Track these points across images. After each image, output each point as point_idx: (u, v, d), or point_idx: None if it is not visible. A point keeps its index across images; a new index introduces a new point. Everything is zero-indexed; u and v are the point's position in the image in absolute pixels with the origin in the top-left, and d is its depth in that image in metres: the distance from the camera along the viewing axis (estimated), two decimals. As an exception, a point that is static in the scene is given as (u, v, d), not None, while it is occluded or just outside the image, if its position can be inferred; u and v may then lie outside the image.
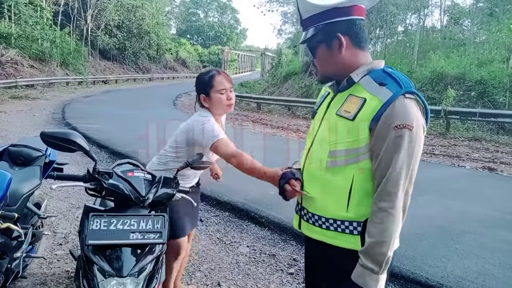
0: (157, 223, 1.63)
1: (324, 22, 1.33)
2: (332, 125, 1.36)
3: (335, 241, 1.36)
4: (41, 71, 22.96)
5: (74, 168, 5.86)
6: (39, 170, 2.42)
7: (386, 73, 1.30)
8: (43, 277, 2.84)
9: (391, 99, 1.22)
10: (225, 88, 2.13)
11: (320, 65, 1.44)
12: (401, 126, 1.20)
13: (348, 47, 1.33)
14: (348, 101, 1.33)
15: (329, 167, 1.35)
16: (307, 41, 1.41)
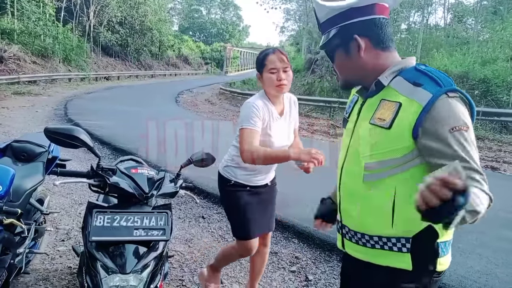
0: (161, 220, 1.62)
1: (341, 25, 1.24)
2: (366, 136, 1.23)
3: (382, 260, 1.22)
4: (44, 67, 22.98)
5: (76, 164, 5.86)
6: (42, 166, 2.41)
7: (419, 71, 1.17)
8: (45, 273, 2.84)
9: (432, 100, 1.08)
10: (276, 68, 2.03)
11: (340, 70, 1.33)
12: (456, 129, 1.07)
13: (368, 49, 1.23)
14: (381, 107, 1.20)
15: (366, 181, 1.22)
16: (325, 45, 1.32)
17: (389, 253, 1.21)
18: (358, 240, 1.28)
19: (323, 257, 3.44)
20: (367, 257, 1.26)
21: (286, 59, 2.06)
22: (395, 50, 1.27)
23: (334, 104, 14.39)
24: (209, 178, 5.07)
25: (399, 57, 1.26)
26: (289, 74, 2.08)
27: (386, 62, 1.24)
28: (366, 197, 1.23)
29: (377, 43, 1.23)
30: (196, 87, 26.69)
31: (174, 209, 4.31)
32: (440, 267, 1.20)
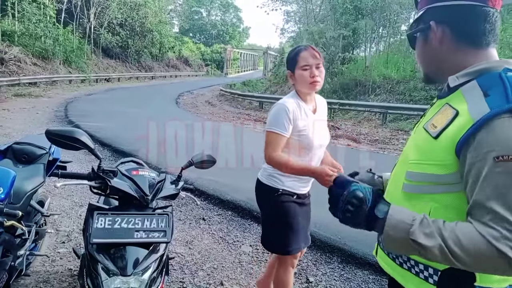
0: (162, 222, 1.62)
1: (428, 6, 1.08)
2: (416, 140, 1.10)
3: (406, 282, 1.12)
4: (44, 69, 22.99)
5: (77, 166, 5.86)
6: (42, 168, 2.41)
7: (501, 78, 0.94)
8: (46, 275, 2.84)
9: (487, 117, 0.89)
10: (309, 65, 1.98)
11: (418, 59, 1.18)
12: (506, 159, 0.86)
13: (447, 41, 1.05)
14: (440, 112, 1.04)
15: (405, 192, 1.09)
16: (409, 28, 1.18)
17: (415, 278, 1.09)
18: (389, 253, 1.17)
19: (324, 258, 3.44)
20: (394, 273, 1.17)
21: (319, 55, 2.01)
22: (491, 49, 1.05)
23: (334, 106, 14.39)
24: (209, 180, 5.08)
25: (492, 57, 1.05)
26: (321, 71, 2.03)
27: (468, 61, 1.04)
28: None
29: (460, 35, 1.04)
30: (197, 88, 26.72)
31: (175, 211, 4.31)
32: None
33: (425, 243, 0.91)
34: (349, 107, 14.55)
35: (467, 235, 0.88)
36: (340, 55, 17.89)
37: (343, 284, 3.04)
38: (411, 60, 17.40)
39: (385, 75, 16.44)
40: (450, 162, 0.96)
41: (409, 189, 1.07)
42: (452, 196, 0.98)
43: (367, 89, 16.37)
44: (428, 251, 0.91)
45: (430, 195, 1.02)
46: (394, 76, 15.99)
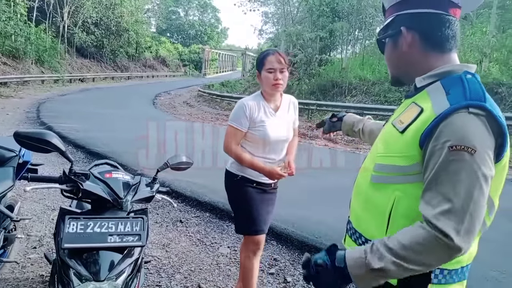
0: (136, 226, 1.59)
1: (396, 14, 1.17)
2: (384, 135, 1.21)
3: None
4: (15, 69, 22.22)
5: (50, 168, 5.70)
6: (12, 171, 2.33)
7: (460, 79, 1.05)
8: (15, 282, 2.74)
9: (447, 111, 0.97)
10: (273, 68, 2.19)
11: (388, 63, 1.26)
12: (458, 148, 0.94)
13: (415, 45, 1.13)
14: (408, 109, 1.13)
15: (373, 182, 1.18)
16: (379, 33, 1.27)
17: None
18: (356, 239, 1.25)
19: (301, 258, 3.46)
20: None
21: (284, 61, 2.22)
22: (453, 53, 1.14)
23: (312, 107, 14.55)
24: (187, 182, 5.03)
25: (453, 61, 1.13)
26: (285, 75, 2.23)
27: (433, 64, 1.12)
28: (369, 198, 1.19)
29: (427, 41, 1.12)
30: (174, 89, 26.44)
31: (151, 214, 4.25)
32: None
33: (380, 266, 0.99)
34: (326, 108, 14.74)
35: (407, 233, 0.99)
36: (317, 56, 18.08)
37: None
38: (386, 62, 17.80)
39: (361, 76, 16.76)
40: (412, 154, 1.05)
41: (377, 180, 1.17)
42: (413, 185, 1.07)
43: (344, 90, 16.62)
44: (388, 272, 0.99)
45: (394, 185, 1.10)
46: (370, 78, 16.32)
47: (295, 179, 2.30)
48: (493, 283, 3.02)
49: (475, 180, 0.94)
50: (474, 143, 0.94)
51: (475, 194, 0.94)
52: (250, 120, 2.23)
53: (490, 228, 1.16)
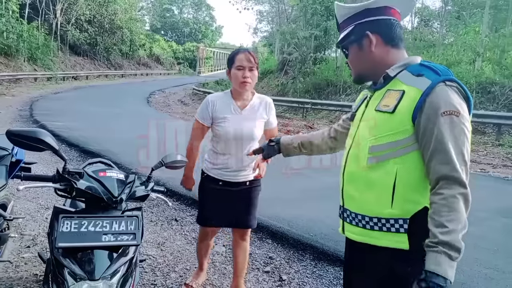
0: (131, 224, 1.59)
1: (356, 23, 1.40)
2: (371, 121, 1.35)
3: (380, 241, 1.30)
4: (7, 66, 21.98)
5: (43, 167, 5.65)
6: (4, 170, 2.31)
7: (423, 65, 1.31)
8: (9, 281, 2.72)
9: (431, 86, 1.21)
10: (243, 66, 2.23)
11: (353, 64, 1.47)
12: (448, 113, 1.18)
13: (379, 45, 1.37)
14: (386, 96, 1.32)
15: (370, 164, 1.32)
16: (341, 42, 1.46)
17: (387, 234, 1.29)
18: (358, 222, 1.36)
19: (297, 256, 3.47)
20: (365, 238, 1.34)
21: (254, 60, 2.26)
22: (404, 49, 1.41)
23: (307, 105, 14.57)
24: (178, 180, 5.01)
25: (406, 56, 1.39)
26: (254, 74, 2.28)
27: (394, 58, 1.37)
28: (369, 180, 1.33)
29: (387, 40, 1.37)
30: (169, 87, 26.33)
31: (146, 212, 4.24)
32: None
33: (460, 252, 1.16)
34: (321, 106, 14.78)
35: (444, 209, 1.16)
36: (312, 55, 18.10)
37: (315, 281, 3.08)
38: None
39: (356, 75, 16.80)
40: (406, 128, 1.24)
41: (374, 160, 1.31)
42: (409, 155, 1.26)
43: (338, 89, 16.67)
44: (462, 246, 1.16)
45: (393, 159, 1.27)
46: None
47: (290, 178, 2.30)
48: (486, 280, 3.05)
49: (464, 135, 1.20)
50: (457, 107, 1.20)
51: (466, 145, 1.21)
52: (212, 116, 2.32)
53: (483, 225, 1.20)
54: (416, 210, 1.26)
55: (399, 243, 1.28)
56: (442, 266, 1.13)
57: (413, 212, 1.26)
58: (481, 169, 7.37)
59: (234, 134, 2.31)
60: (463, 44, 16.78)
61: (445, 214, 1.15)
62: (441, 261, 1.13)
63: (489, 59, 15.00)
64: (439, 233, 1.15)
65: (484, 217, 4.41)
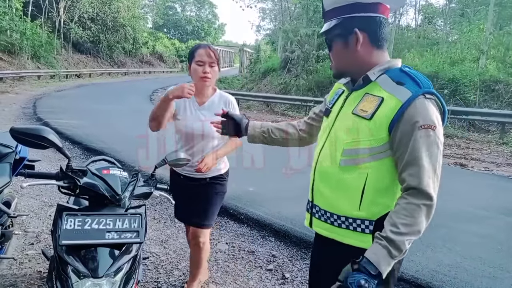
0: (134, 222, 1.59)
1: (345, 16, 1.33)
2: (347, 124, 1.35)
3: (346, 239, 1.35)
4: (11, 64, 22.05)
5: (47, 164, 5.67)
6: (8, 167, 2.31)
7: (403, 72, 1.30)
8: (13, 278, 2.73)
9: (411, 99, 1.22)
10: (202, 61, 2.21)
11: (335, 59, 1.42)
12: (425, 126, 1.20)
13: (364, 44, 1.33)
14: (364, 100, 1.32)
15: (342, 166, 1.34)
16: (326, 33, 1.40)
17: (353, 233, 1.34)
18: (326, 219, 1.41)
19: (300, 254, 3.47)
20: (333, 234, 1.40)
21: (214, 55, 2.24)
22: (387, 50, 1.38)
23: (309, 103, 14.53)
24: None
25: (388, 58, 1.38)
26: (214, 70, 2.26)
27: (376, 59, 1.35)
28: (340, 180, 1.35)
29: (373, 40, 1.33)
30: (171, 85, 26.24)
31: (149, 210, 4.24)
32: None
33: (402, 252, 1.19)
34: (324, 104, 14.71)
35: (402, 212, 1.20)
36: (314, 53, 18.04)
37: (318, 280, 3.07)
38: (384, 59, 17.81)
39: (359, 73, 16.75)
40: (382, 136, 1.26)
41: (347, 163, 1.33)
42: (381, 162, 1.29)
43: (341, 86, 16.59)
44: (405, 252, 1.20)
45: (366, 163, 1.29)
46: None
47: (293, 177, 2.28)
48: (490, 279, 3.03)
49: (437, 149, 1.22)
50: (434, 121, 1.21)
51: (439, 159, 1.22)
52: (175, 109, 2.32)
53: (487, 224, 1.21)
54: (383, 213, 1.30)
55: (363, 243, 1.32)
56: (379, 257, 1.18)
57: (380, 214, 1.30)
58: (485, 167, 7.34)
59: (192, 130, 2.29)
60: (467, 41, 16.69)
61: (403, 217, 1.19)
62: (380, 253, 1.19)
63: (493, 57, 14.91)
64: (390, 230, 1.20)
65: (487, 216, 4.40)
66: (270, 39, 30.83)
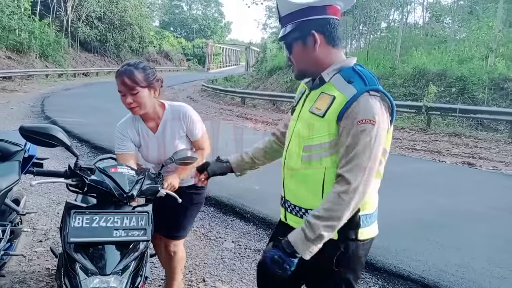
0: (141, 220, 1.60)
1: (301, 20, 1.40)
2: (305, 122, 1.44)
3: None
4: (19, 63, 22.29)
5: (55, 163, 5.73)
6: (17, 165, 2.34)
7: (354, 71, 1.38)
8: (22, 275, 2.77)
9: (356, 95, 1.30)
10: (121, 91, 1.97)
11: (296, 61, 1.50)
12: (364, 121, 1.27)
13: (322, 45, 1.41)
14: (320, 98, 1.41)
15: (304, 161, 1.43)
16: (284, 37, 1.47)
17: None
18: (297, 213, 1.49)
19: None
20: None
21: (131, 81, 1.92)
22: (342, 50, 1.47)
23: (316, 101, 14.47)
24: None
25: (344, 56, 1.45)
26: (140, 95, 1.95)
27: (333, 58, 1.43)
28: (303, 175, 1.45)
29: (329, 40, 1.41)
30: (178, 83, 26.41)
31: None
32: (362, 236, 1.41)
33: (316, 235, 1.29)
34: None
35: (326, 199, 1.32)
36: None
37: (324, 278, 3.07)
38: (391, 57, 17.68)
39: (366, 71, 16.64)
40: (333, 131, 1.35)
41: (308, 158, 1.42)
42: (336, 155, 1.36)
43: (348, 85, 16.52)
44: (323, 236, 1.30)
45: (323, 158, 1.38)
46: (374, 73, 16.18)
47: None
48: (499, 280, 3.01)
49: (374, 143, 1.28)
50: (374, 117, 1.28)
51: (373, 152, 1.29)
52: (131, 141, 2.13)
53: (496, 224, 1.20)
54: None
55: None
56: (296, 238, 1.32)
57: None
58: (493, 166, 7.26)
59: (157, 159, 2.10)
60: (476, 39, 16.50)
61: (325, 202, 1.31)
62: (297, 235, 1.33)
63: (502, 54, 14.72)
64: (311, 214, 1.33)
65: (496, 215, 4.36)
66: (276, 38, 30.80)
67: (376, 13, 21.48)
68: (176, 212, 2.22)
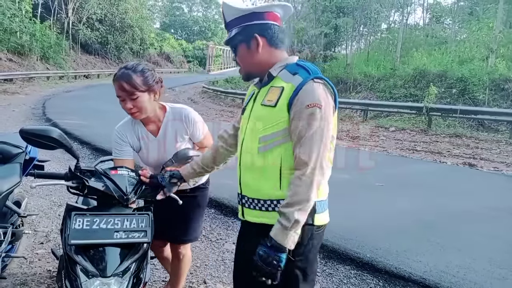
0: (142, 222, 1.60)
1: (244, 24, 1.53)
2: (258, 114, 1.53)
3: (274, 220, 1.43)
4: (20, 65, 22.34)
5: (56, 165, 5.73)
6: (19, 168, 2.34)
7: (298, 65, 1.51)
8: (23, 277, 2.77)
9: (302, 83, 1.42)
10: (121, 96, 1.92)
11: (242, 62, 1.61)
12: (312, 105, 1.38)
13: (264, 47, 1.53)
14: (270, 92, 1.51)
15: (260, 152, 1.49)
16: (229, 41, 1.58)
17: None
18: (255, 206, 1.53)
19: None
20: (263, 219, 1.51)
21: (129, 86, 1.87)
22: (284, 50, 1.59)
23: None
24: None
25: (287, 56, 1.58)
26: (139, 100, 1.90)
27: (276, 58, 1.56)
28: (260, 166, 1.50)
29: (271, 43, 1.54)
30: (179, 85, 26.44)
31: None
32: (317, 221, 1.49)
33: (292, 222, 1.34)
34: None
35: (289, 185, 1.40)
36: (321, 52, 18.03)
37: (326, 280, 3.07)
38: (391, 58, 17.69)
39: (366, 72, 16.67)
40: (285, 119, 1.44)
41: (263, 149, 1.49)
42: (290, 142, 1.44)
43: (349, 86, 16.56)
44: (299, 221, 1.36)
45: (278, 147, 1.46)
46: (375, 74, 16.23)
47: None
48: (500, 281, 3.00)
49: (324, 125, 1.39)
50: (320, 101, 1.39)
51: (324, 133, 1.39)
52: (131, 145, 2.07)
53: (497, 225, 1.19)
54: None
55: None
56: (276, 230, 1.37)
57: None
58: (494, 167, 7.25)
59: (158, 162, 2.02)
60: (476, 40, 16.52)
61: (290, 189, 1.38)
62: (275, 228, 1.38)
63: (503, 55, 14.73)
64: (281, 204, 1.39)
65: (497, 216, 4.35)
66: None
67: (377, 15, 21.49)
68: (184, 216, 2.21)
